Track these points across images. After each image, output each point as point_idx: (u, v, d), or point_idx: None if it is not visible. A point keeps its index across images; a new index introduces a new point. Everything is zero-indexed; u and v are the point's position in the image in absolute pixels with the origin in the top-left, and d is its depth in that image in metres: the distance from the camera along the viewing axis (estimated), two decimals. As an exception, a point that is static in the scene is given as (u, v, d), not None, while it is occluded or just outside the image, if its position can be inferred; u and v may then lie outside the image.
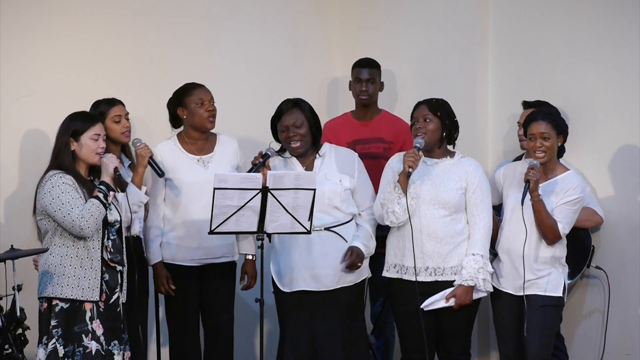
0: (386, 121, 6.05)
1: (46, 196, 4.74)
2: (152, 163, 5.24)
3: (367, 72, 6.03)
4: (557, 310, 5.10)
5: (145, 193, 5.22)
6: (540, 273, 5.06)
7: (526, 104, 5.69)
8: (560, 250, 5.11)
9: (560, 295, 5.07)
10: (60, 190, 4.72)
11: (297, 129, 5.21)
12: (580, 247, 5.61)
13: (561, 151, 5.16)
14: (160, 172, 5.26)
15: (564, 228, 5.04)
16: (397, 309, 5.28)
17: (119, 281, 4.88)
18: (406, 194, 5.05)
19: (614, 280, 5.66)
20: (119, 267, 4.88)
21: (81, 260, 4.76)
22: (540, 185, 5.04)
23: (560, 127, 5.09)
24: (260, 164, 5.10)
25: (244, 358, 6.28)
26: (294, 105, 5.26)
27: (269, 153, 5.16)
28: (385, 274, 5.26)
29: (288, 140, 5.22)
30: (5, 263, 4.81)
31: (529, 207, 5.03)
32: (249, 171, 5.09)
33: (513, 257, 5.11)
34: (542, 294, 5.05)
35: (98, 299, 4.78)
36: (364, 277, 5.33)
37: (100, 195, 4.76)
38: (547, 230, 5.02)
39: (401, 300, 5.21)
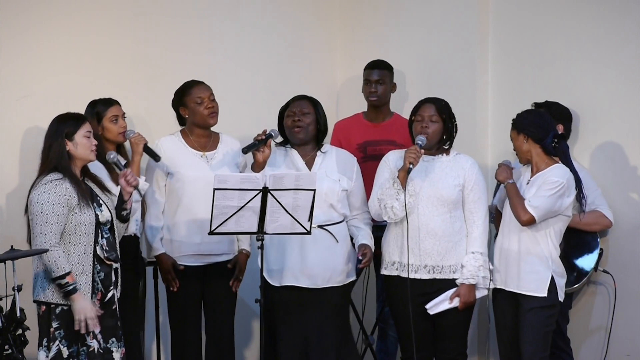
0: (398, 124, 6.03)
1: (35, 206, 4.72)
2: (148, 149, 5.28)
3: (376, 74, 6.03)
4: (547, 310, 5.06)
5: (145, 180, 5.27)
6: (528, 268, 5.05)
7: (536, 106, 5.67)
8: (550, 248, 5.07)
9: (545, 295, 5.03)
10: (49, 208, 4.69)
11: (303, 116, 5.25)
12: (586, 250, 5.59)
13: (545, 147, 5.09)
14: (156, 157, 5.29)
15: (529, 201, 5.00)
16: (395, 308, 5.28)
17: (114, 278, 4.88)
18: (405, 190, 5.07)
19: (621, 284, 5.65)
20: (114, 265, 4.87)
21: (71, 265, 4.74)
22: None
23: (519, 127, 5.08)
24: (262, 140, 5.11)
25: (244, 358, 6.29)
26: (305, 98, 5.34)
27: (272, 134, 5.18)
28: (383, 271, 5.26)
29: (292, 125, 5.25)
30: (5, 264, 4.81)
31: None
32: (249, 146, 5.08)
33: (504, 254, 5.12)
34: (529, 294, 5.04)
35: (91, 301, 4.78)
36: (351, 279, 5.33)
37: (62, 284, 4.68)
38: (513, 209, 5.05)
39: (399, 299, 5.21)
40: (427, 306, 5.10)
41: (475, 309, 5.54)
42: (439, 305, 5.11)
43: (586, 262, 5.58)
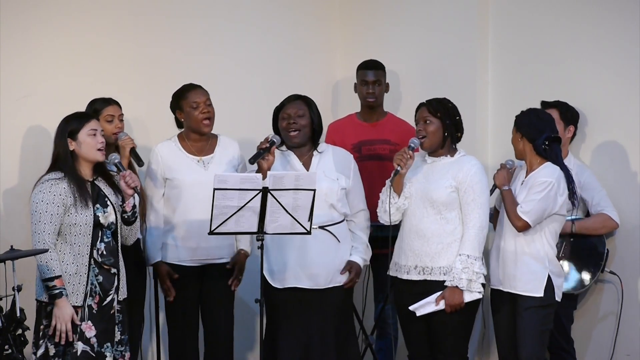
0: (392, 123, 6.06)
1: (31, 206, 4.75)
2: (134, 153, 5.28)
3: (372, 74, 6.04)
4: (543, 310, 5.04)
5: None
6: (524, 268, 5.04)
7: (545, 104, 5.67)
8: (546, 247, 5.06)
9: (542, 295, 5.02)
10: (43, 208, 4.71)
11: (299, 118, 5.23)
12: (593, 252, 5.57)
13: (535, 147, 5.08)
14: (140, 162, 5.30)
15: (520, 207, 5.00)
16: (398, 308, 5.29)
17: (115, 283, 4.86)
18: (399, 194, 5.07)
19: (628, 285, 5.63)
20: (113, 270, 4.86)
21: (67, 265, 4.75)
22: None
23: (517, 125, 5.11)
24: (266, 149, 5.08)
25: (244, 358, 6.29)
26: (299, 98, 5.30)
27: (275, 140, 5.16)
28: (389, 271, 5.27)
29: (287, 128, 5.23)
30: (5, 264, 4.81)
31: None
32: (254, 156, 5.08)
33: (500, 255, 5.13)
34: (525, 294, 5.04)
35: (81, 304, 4.76)
36: None
37: (50, 286, 4.69)
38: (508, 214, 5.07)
39: (399, 299, 5.22)
40: (411, 307, 5.07)
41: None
42: (424, 307, 5.06)
43: (593, 263, 5.57)
